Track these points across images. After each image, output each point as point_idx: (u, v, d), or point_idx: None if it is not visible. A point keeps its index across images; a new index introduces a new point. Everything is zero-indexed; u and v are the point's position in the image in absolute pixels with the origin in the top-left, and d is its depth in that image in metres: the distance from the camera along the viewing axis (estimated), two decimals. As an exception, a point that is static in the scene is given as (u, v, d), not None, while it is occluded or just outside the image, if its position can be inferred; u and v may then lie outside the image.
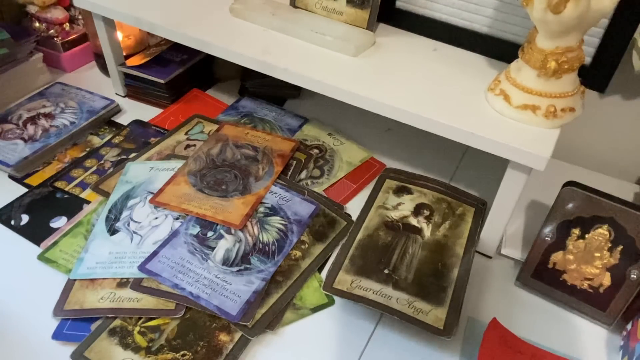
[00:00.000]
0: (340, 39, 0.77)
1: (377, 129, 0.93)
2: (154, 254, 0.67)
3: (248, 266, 0.67)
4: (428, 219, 0.75)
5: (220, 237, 0.70)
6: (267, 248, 0.69)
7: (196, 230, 0.71)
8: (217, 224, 0.71)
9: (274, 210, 0.74)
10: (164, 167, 0.80)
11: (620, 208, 0.60)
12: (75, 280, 0.64)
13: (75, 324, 0.61)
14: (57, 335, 0.60)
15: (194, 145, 0.85)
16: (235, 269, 0.66)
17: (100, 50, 0.94)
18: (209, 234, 0.70)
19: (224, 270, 0.66)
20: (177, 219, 0.72)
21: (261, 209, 0.74)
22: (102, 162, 0.83)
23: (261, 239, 0.70)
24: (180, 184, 0.76)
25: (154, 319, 0.61)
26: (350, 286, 0.65)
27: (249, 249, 0.69)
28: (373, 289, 0.65)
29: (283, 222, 0.73)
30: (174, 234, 0.70)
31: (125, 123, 0.91)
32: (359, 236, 0.72)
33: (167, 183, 0.76)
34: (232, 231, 0.71)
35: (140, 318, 0.61)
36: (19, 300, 0.64)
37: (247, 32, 0.80)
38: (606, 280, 0.64)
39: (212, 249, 0.68)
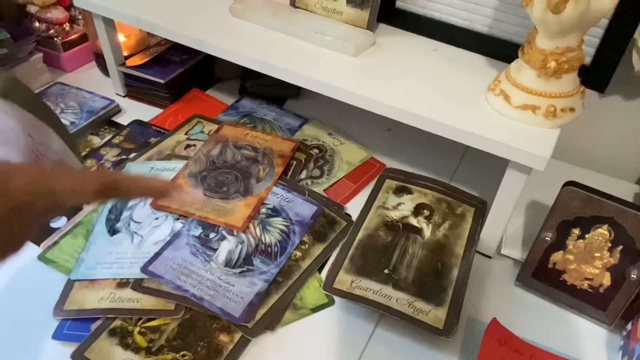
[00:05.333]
0: (340, 39, 0.77)
1: (377, 129, 0.93)
2: (157, 255, 0.67)
3: (251, 267, 0.67)
4: (428, 219, 0.75)
5: (223, 238, 0.70)
6: (269, 249, 0.69)
7: (198, 231, 0.70)
8: (219, 225, 0.71)
9: (275, 211, 0.74)
10: (164, 167, 0.80)
11: (620, 208, 0.60)
12: (75, 280, 0.64)
13: (75, 324, 0.61)
14: (57, 335, 0.60)
15: (194, 145, 0.85)
16: (238, 270, 0.66)
17: (100, 50, 0.94)
18: (211, 235, 0.70)
19: (226, 272, 0.66)
20: (178, 219, 0.72)
21: (263, 210, 0.74)
22: (102, 162, 0.83)
23: (263, 240, 0.70)
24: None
25: (154, 319, 0.61)
26: (350, 286, 0.65)
27: (251, 250, 0.69)
28: (373, 289, 0.65)
29: (285, 223, 0.73)
30: (176, 236, 0.70)
31: (125, 123, 0.91)
32: (359, 236, 0.72)
33: (168, 184, 0.76)
34: (234, 232, 0.71)
35: (140, 318, 0.61)
36: (19, 300, 0.64)
37: (247, 32, 0.80)
38: (606, 280, 0.64)
39: (215, 250, 0.68)
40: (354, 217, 0.76)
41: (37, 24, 1.00)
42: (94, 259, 0.67)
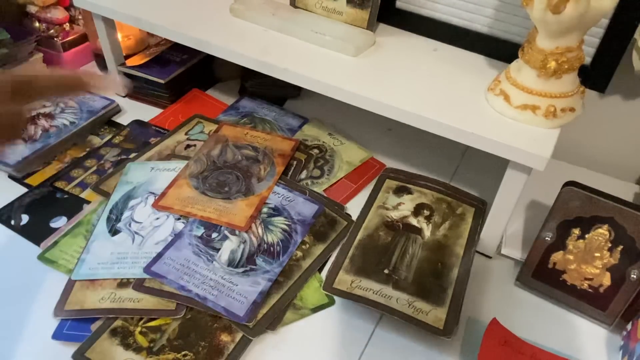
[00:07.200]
0: (340, 39, 0.77)
1: (377, 129, 0.93)
2: (159, 255, 0.67)
3: (254, 267, 0.67)
4: (428, 219, 0.75)
5: (225, 238, 0.70)
6: (272, 249, 0.69)
7: (200, 231, 0.71)
8: (221, 225, 0.71)
9: (277, 211, 0.74)
10: (164, 168, 0.80)
11: (620, 208, 0.60)
12: (75, 280, 0.64)
13: (75, 324, 0.61)
14: (57, 335, 0.60)
15: (194, 145, 0.85)
16: (240, 270, 0.66)
17: (100, 50, 0.94)
18: (214, 235, 0.70)
19: (229, 272, 0.66)
20: (179, 219, 0.72)
21: (265, 210, 0.74)
22: (102, 162, 0.83)
23: (266, 239, 0.70)
24: (182, 187, 0.76)
25: (155, 319, 0.61)
26: (350, 286, 0.65)
27: (253, 249, 0.69)
28: (373, 289, 0.65)
29: (287, 223, 0.73)
30: (178, 236, 0.70)
31: (125, 123, 0.91)
32: (359, 236, 0.72)
33: (169, 186, 0.76)
34: (237, 232, 0.71)
35: (141, 318, 0.61)
36: (19, 300, 0.64)
37: (247, 32, 0.80)
38: (606, 280, 0.64)
39: (217, 250, 0.68)
40: (354, 217, 0.76)
41: (37, 24, 1.00)
42: (95, 259, 0.67)
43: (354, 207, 0.78)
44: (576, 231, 0.63)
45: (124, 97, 0.97)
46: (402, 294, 0.65)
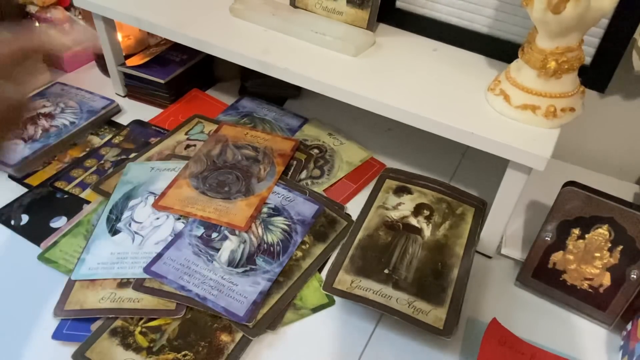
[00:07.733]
0: (340, 39, 0.77)
1: (377, 129, 0.93)
2: (159, 255, 0.67)
3: (254, 267, 0.67)
4: (428, 219, 0.75)
5: (225, 238, 0.70)
6: (272, 249, 0.69)
7: (200, 231, 0.71)
8: (222, 225, 0.71)
9: (277, 211, 0.74)
10: (164, 168, 0.80)
11: (620, 208, 0.60)
12: (75, 280, 0.64)
13: (75, 324, 0.61)
14: (57, 335, 0.60)
15: (194, 145, 0.85)
16: (240, 270, 0.66)
17: (100, 50, 0.94)
18: (214, 235, 0.70)
19: (229, 272, 0.66)
20: (179, 219, 0.72)
21: (265, 210, 0.74)
22: (102, 162, 0.83)
23: (265, 239, 0.70)
24: (182, 187, 0.76)
25: (155, 319, 0.61)
26: (350, 286, 0.65)
27: (253, 249, 0.69)
28: (373, 289, 0.65)
29: (287, 223, 0.73)
30: (178, 236, 0.70)
31: (125, 123, 0.91)
32: (359, 236, 0.72)
33: (169, 186, 0.76)
34: (237, 232, 0.71)
35: (141, 318, 0.61)
36: (19, 300, 0.64)
37: (247, 32, 0.80)
38: (606, 280, 0.64)
39: (217, 250, 0.68)
40: (354, 217, 0.76)
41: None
42: (95, 259, 0.67)
43: (354, 207, 0.78)
44: (576, 231, 0.63)
45: (124, 97, 0.97)
46: (402, 294, 0.65)
